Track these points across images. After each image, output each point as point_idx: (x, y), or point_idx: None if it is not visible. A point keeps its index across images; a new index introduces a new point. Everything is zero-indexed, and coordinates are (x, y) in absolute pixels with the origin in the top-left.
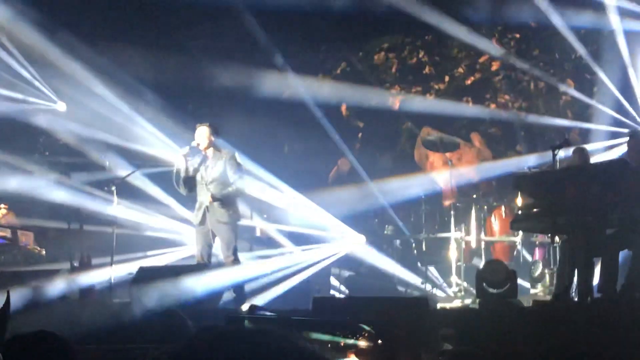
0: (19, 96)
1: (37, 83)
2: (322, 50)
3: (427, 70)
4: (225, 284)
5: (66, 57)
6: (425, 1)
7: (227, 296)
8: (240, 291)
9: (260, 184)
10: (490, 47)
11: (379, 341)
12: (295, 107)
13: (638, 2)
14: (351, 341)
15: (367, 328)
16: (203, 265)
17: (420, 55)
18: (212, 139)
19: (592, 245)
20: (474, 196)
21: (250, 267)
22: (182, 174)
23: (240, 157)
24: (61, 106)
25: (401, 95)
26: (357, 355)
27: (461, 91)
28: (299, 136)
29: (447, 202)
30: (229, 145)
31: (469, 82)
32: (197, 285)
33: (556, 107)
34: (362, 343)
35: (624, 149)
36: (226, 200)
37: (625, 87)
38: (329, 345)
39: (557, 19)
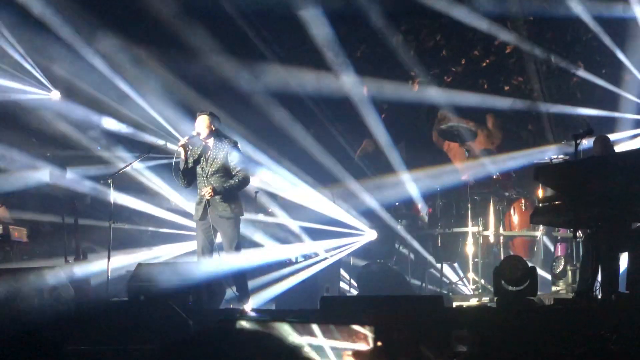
0: (10, 84)
1: (30, 69)
2: (340, 33)
3: (444, 52)
4: (225, 274)
5: (63, 39)
6: None
7: (230, 294)
8: (242, 290)
9: (273, 178)
10: (503, 33)
11: (379, 343)
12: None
13: None
14: (350, 344)
15: (365, 330)
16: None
17: (438, 39)
18: (213, 128)
19: (617, 240)
20: (496, 185)
21: (254, 257)
22: (182, 166)
23: (242, 146)
24: (55, 95)
25: (419, 78)
26: (354, 357)
27: (477, 74)
28: (323, 118)
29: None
30: (234, 134)
31: (484, 64)
32: (197, 278)
33: (566, 88)
34: (361, 345)
35: None
36: (228, 194)
37: None
38: (327, 348)
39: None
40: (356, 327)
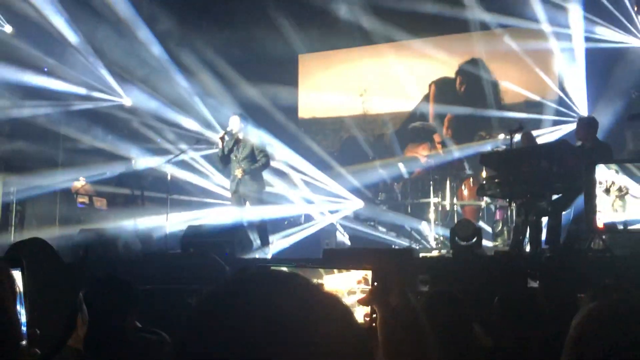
0: (87, 92)
1: (105, 77)
2: None
3: None
4: (251, 224)
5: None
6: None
7: (256, 246)
8: (264, 240)
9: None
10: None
11: (375, 284)
12: None
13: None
14: (358, 286)
15: (367, 275)
16: (239, 224)
17: None
18: (242, 125)
19: (541, 208)
20: (452, 167)
21: (272, 212)
22: (219, 154)
23: (263, 138)
24: (127, 101)
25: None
26: (358, 300)
27: None
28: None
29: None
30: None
31: None
32: (231, 233)
33: (497, 97)
34: (363, 287)
35: (562, 132)
36: (254, 174)
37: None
38: (343, 289)
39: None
40: (361, 272)
